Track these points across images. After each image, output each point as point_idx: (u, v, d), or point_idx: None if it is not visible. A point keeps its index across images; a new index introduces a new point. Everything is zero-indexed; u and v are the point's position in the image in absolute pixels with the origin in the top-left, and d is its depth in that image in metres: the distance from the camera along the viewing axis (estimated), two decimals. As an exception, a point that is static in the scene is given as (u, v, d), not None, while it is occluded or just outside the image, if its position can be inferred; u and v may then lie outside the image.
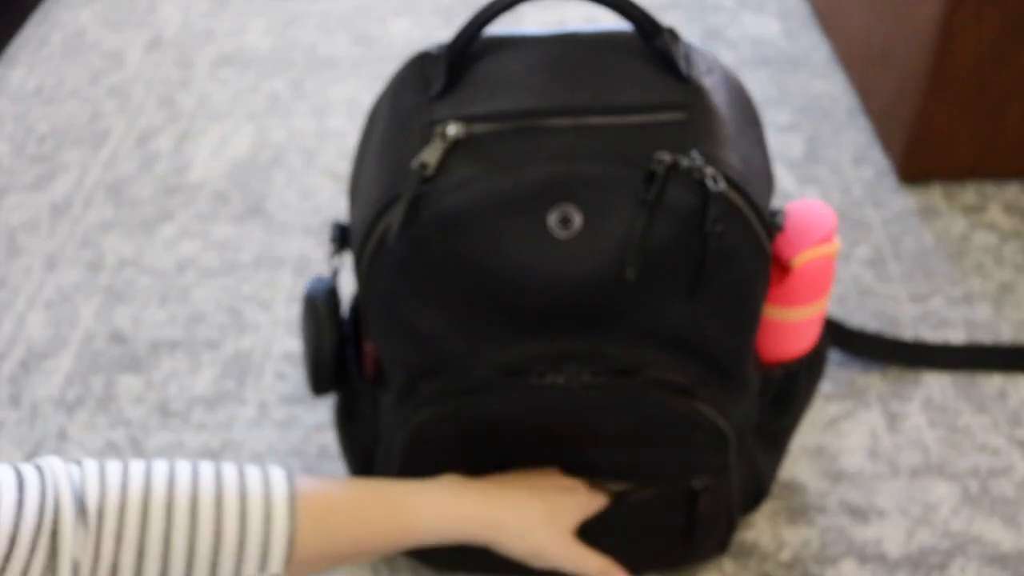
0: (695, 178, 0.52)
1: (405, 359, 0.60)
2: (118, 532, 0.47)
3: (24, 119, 1.27)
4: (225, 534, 0.50)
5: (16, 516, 0.44)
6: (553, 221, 0.53)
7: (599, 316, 0.56)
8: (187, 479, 0.50)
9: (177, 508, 0.49)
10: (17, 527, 0.44)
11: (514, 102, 0.55)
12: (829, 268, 0.64)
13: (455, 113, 0.55)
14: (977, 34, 0.98)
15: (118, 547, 0.47)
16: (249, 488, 0.51)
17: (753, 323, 0.60)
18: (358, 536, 0.55)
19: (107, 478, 0.48)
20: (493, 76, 0.57)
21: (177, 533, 0.48)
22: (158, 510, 0.48)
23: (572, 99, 0.55)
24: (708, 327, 0.58)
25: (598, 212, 0.53)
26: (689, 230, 0.53)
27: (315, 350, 0.65)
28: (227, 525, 0.50)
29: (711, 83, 0.57)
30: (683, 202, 0.53)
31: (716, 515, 0.69)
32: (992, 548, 0.77)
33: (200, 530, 0.49)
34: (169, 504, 0.49)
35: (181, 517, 0.49)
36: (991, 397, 0.89)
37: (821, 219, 0.64)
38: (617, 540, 0.69)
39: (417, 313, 0.57)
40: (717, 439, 0.62)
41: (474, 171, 0.53)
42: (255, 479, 0.52)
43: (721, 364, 0.60)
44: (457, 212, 0.53)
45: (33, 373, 0.94)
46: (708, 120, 0.55)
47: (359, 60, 1.36)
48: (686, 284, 0.55)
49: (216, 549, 0.49)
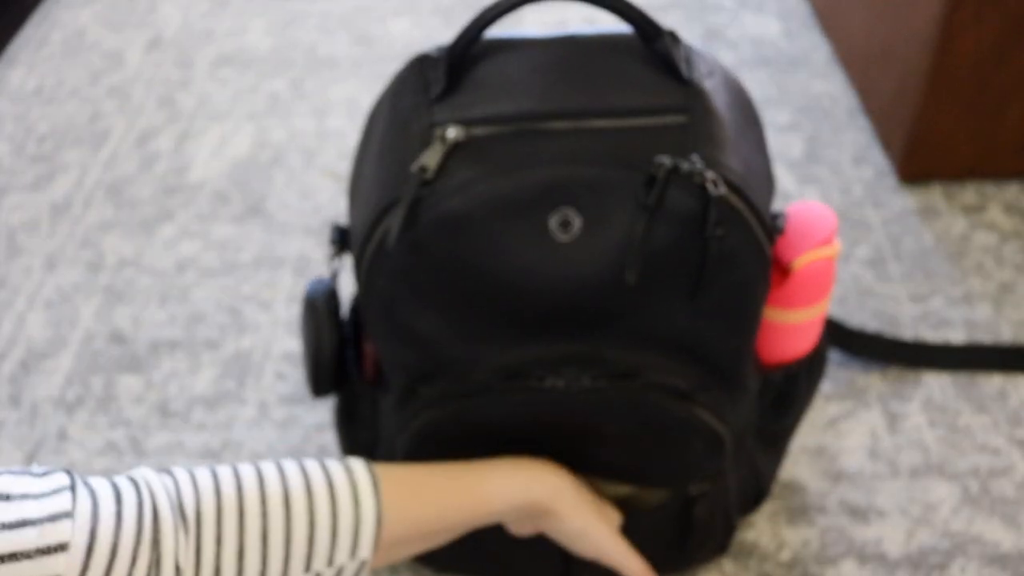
0: (695, 182, 0.52)
1: (404, 362, 0.60)
2: (218, 534, 0.48)
3: (24, 119, 1.27)
4: (319, 523, 0.51)
5: (116, 528, 0.45)
6: (553, 224, 0.53)
7: (599, 319, 0.56)
8: (275, 476, 0.52)
9: (271, 504, 0.50)
10: (117, 538, 0.45)
11: (514, 105, 0.55)
12: (829, 270, 0.64)
13: (455, 116, 0.55)
14: (977, 34, 0.98)
15: (219, 548, 0.48)
16: (334, 476, 0.53)
17: (753, 326, 0.59)
18: (440, 513, 0.56)
19: (200, 484, 0.50)
20: (493, 79, 0.57)
21: (274, 528, 0.50)
22: (253, 508, 0.50)
23: (572, 102, 0.55)
24: (708, 330, 0.58)
25: (598, 216, 0.53)
26: (689, 234, 0.53)
27: (315, 352, 0.65)
28: (320, 513, 0.51)
29: (712, 86, 0.57)
30: (683, 206, 0.53)
31: (713, 520, 0.69)
32: (992, 548, 0.77)
33: (295, 522, 0.50)
34: (263, 501, 0.50)
35: (276, 512, 0.50)
36: (991, 397, 0.89)
37: (821, 221, 0.64)
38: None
39: (417, 316, 0.57)
40: (714, 444, 0.62)
41: (474, 174, 0.53)
42: (337, 468, 0.54)
43: (720, 367, 0.60)
44: (457, 215, 0.53)
45: (33, 373, 0.94)
46: (709, 123, 0.55)
47: (359, 60, 1.36)
48: (686, 287, 0.55)
49: (311, 539, 0.51)
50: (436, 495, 0.56)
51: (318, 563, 0.51)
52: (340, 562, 0.52)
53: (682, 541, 0.70)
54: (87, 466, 0.85)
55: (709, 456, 0.63)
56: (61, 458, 0.86)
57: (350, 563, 0.52)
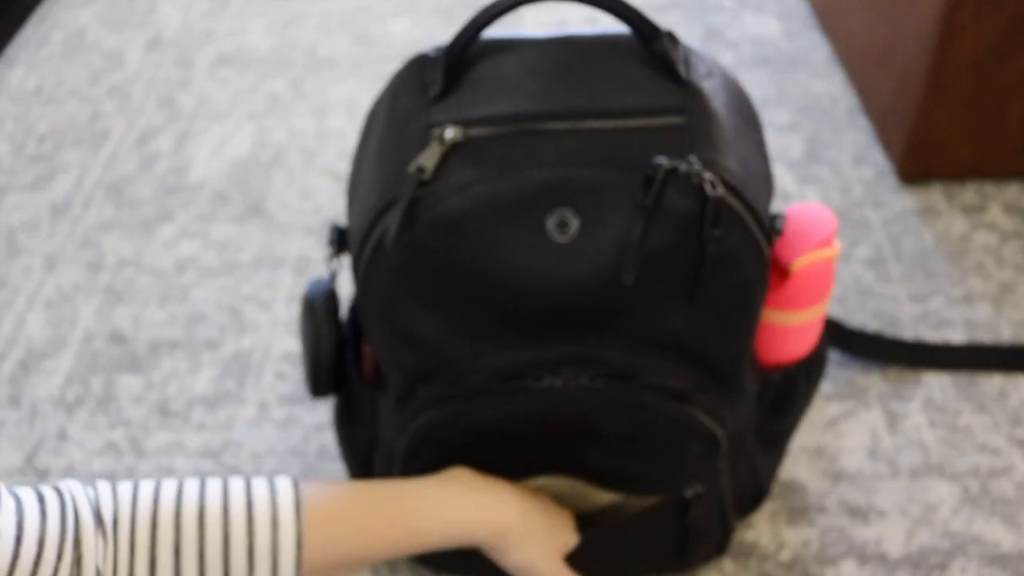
0: (693, 183, 0.52)
1: (403, 362, 0.59)
2: (131, 542, 0.48)
3: (24, 119, 1.27)
4: (233, 542, 0.50)
5: (40, 522, 0.45)
6: (551, 225, 0.53)
7: (597, 320, 0.56)
8: (194, 491, 0.51)
9: (185, 518, 0.50)
10: (43, 532, 0.45)
11: (512, 105, 0.55)
12: (829, 272, 0.64)
13: (453, 116, 0.55)
14: (977, 34, 0.98)
15: (132, 557, 0.48)
16: (255, 496, 0.52)
17: (751, 327, 0.59)
18: (366, 541, 0.55)
19: (119, 494, 0.50)
20: (491, 79, 0.57)
21: (186, 543, 0.49)
22: (167, 520, 0.49)
23: (570, 103, 0.55)
24: (706, 332, 0.58)
25: (595, 217, 0.53)
26: (687, 235, 0.53)
27: (313, 352, 0.65)
28: (235, 532, 0.50)
29: (710, 87, 0.57)
30: (681, 207, 0.53)
31: (708, 523, 0.69)
32: (992, 548, 0.77)
33: (208, 539, 0.50)
34: (177, 514, 0.50)
35: (189, 527, 0.49)
36: (991, 397, 0.89)
37: (821, 222, 0.64)
38: (610, 552, 0.69)
39: (415, 316, 0.57)
40: (710, 446, 0.62)
41: (472, 175, 0.53)
42: (261, 488, 0.53)
43: (718, 369, 0.60)
44: (455, 216, 0.53)
45: (33, 373, 0.94)
46: (707, 124, 0.55)
47: (359, 60, 1.36)
48: (684, 289, 0.55)
49: (225, 557, 0.50)
50: (364, 523, 0.55)
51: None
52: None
53: (679, 544, 0.69)
54: (87, 466, 0.85)
55: (704, 458, 0.63)
56: (61, 458, 0.86)
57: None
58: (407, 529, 0.56)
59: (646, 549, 0.69)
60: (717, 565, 0.77)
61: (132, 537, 0.48)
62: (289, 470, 0.84)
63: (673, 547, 0.70)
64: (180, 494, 0.51)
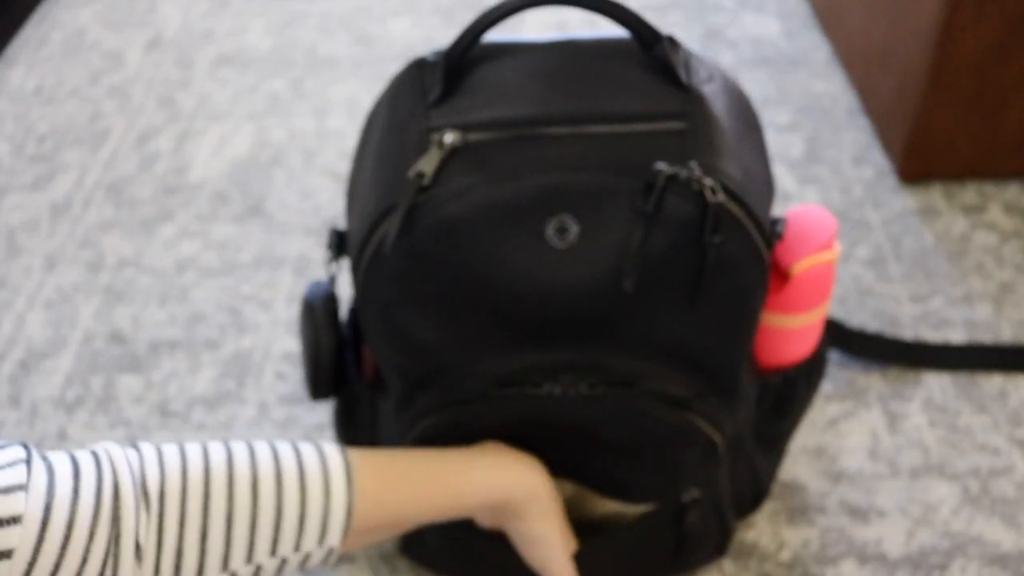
0: (694, 189, 0.52)
1: (402, 367, 0.59)
2: (181, 515, 0.47)
3: (24, 119, 1.27)
4: (287, 510, 0.50)
5: (72, 502, 0.44)
6: (550, 231, 0.53)
7: (596, 327, 0.56)
8: (245, 459, 0.51)
9: (238, 487, 0.49)
10: (73, 513, 0.44)
11: (511, 110, 0.54)
12: (829, 275, 0.64)
13: (452, 121, 0.55)
14: (977, 34, 0.98)
15: (182, 530, 0.47)
16: (306, 463, 0.52)
17: (751, 333, 0.59)
18: (412, 505, 0.55)
19: (166, 462, 0.49)
20: (491, 84, 0.56)
21: (239, 512, 0.49)
22: (220, 490, 0.49)
23: (570, 107, 0.54)
24: (706, 338, 0.57)
25: (595, 222, 0.53)
26: (687, 241, 0.53)
27: (313, 355, 0.65)
28: (288, 501, 0.50)
29: (711, 91, 0.57)
30: (681, 213, 0.52)
31: (706, 525, 0.69)
32: (992, 548, 0.77)
33: (262, 507, 0.50)
34: (230, 484, 0.49)
35: (243, 496, 0.49)
36: (991, 397, 0.89)
37: (821, 225, 0.63)
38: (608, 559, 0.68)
39: (414, 322, 0.57)
40: (709, 453, 0.62)
41: (471, 181, 0.53)
42: (311, 454, 0.53)
43: (717, 375, 0.60)
44: (454, 221, 0.53)
45: (33, 373, 0.94)
46: (707, 129, 0.55)
47: (359, 60, 1.36)
48: (684, 295, 0.55)
49: (277, 526, 0.50)
50: (412, 487, 0.56)
51: (284, 549, 0.50)
52: (307, 549, 0.51)
53: (677, 548, 0.69)
54: (87, 466, 0.85)
55: (703, 464, 0.63)
56: (61, 458, 0.86)
57: (317, 550, 0.52)
58: (451, 492, 0.57)
59: (644, 554, 0.69)
60: (717, 565, 0.77)
61: (182, 509, 0.47)
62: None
63: (670, 551, 0.70)
64: (231, 462, 0.50)
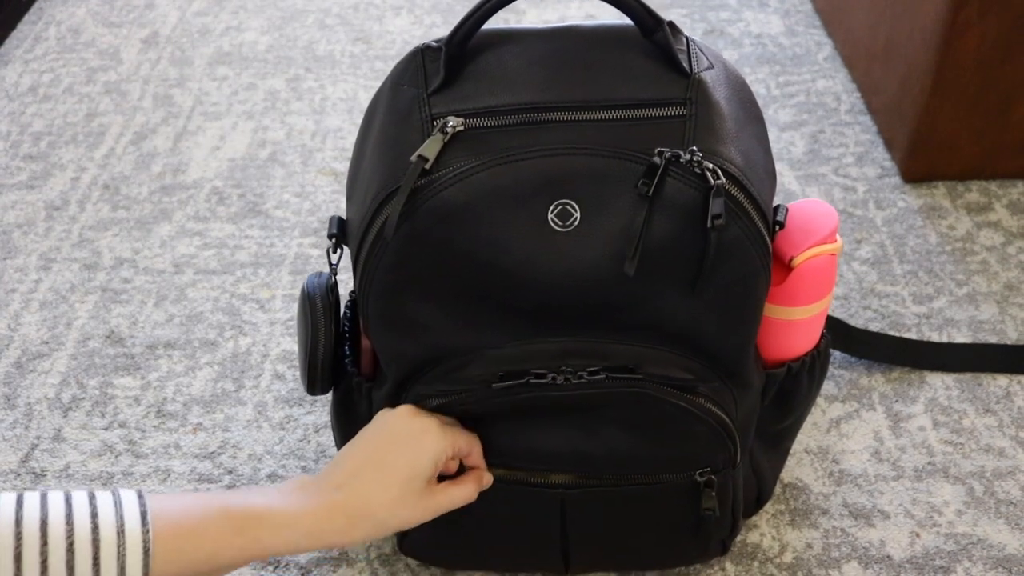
0: (695, 172, 0.52)
1: (402, 353, 0.59)
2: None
3: (19, 117, 1.26)
4: (78, 550, 0.50)
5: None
6: (552, 215, 0.53)
7: (599, 312, 0.56)
8: (35, 502, 0.50)
9: (27, 527, 0.49)
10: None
11: (513, 96, 0.55)
12: (831, 267, 0.64)
13: (454, 108, 0.55)
14: (981, 31, 0.97)
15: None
16: (100, 506, 0.51)
17: (755, 319, 0.59)
18: (213, 551, 0.54)
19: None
20: (492, 71, 0.57)
21: (28, 551, 0.48)
22: (6, 530, 0.48)
23: (571, 94, 0.55)
24: (709, 323, 0.57)
25: (597, 206, 0.53)
26: (690, 225, 0.53)
27: (311, 347, 0.64)
28: (79, 541, 0.50)
29: (712, 78, 0.57)
30: (683, 197, 0.53)
31: (722, 511, 0.68)
32: (997, 550, 0.76)
33: (52, 548, 0.49)
34: (17, 523, 0.49)
35: (31, 536, 0.49)
36: (996, 398, 0.88)
37: (823, 218, 0.63)
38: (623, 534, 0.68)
39: (415, 307, 0.57)
40: (720, 433, 0.61)
41: (472, 164, 0.53)
42: (105, 498, 0.52)
43: (723, 361, 0.60)
44: (456, 205, 0.53)
45: (28, 374, 0.93)
46: (709, 115, 0.55)
47: (357, 58, 1.35)
48: (687, 280, 0.55)
49: (70, 566, 0.49)
50: (209, 532, 0.54)
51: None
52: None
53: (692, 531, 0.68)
54: (83, 468, 0.84)
55: (714, 446, 0.62)
56: (57, 460, 0.85)
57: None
58: (249, 539, 0.55)
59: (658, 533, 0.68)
60: (719, 567, 0.76)
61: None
62: (287, 471, 0.83)
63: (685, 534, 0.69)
64: (20, 504, 0.50)
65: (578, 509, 0.66)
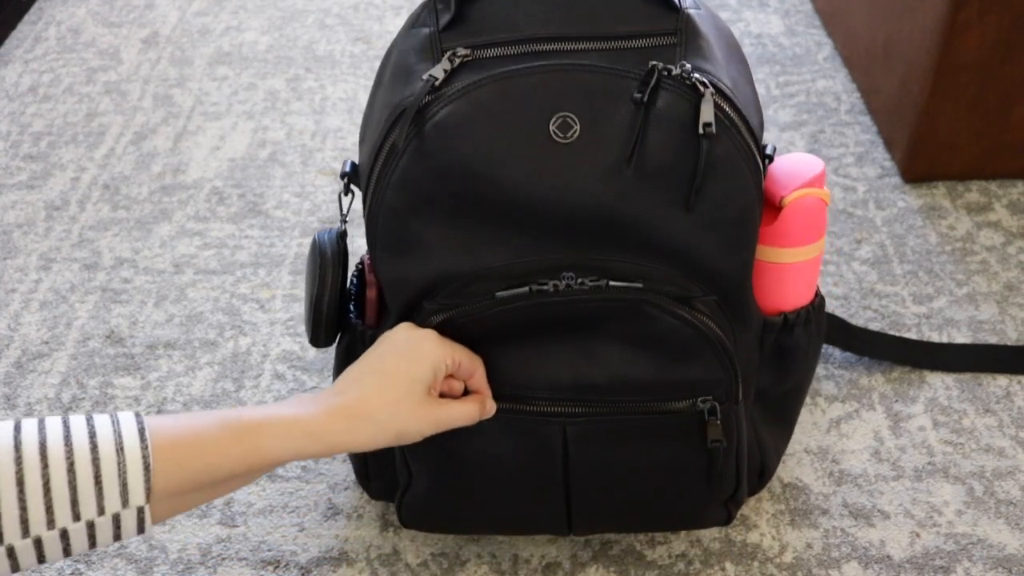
0: (687, 84, 0.56)
1: (405, 278, 0.62)
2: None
3: (19, 117, 1.26)
4: (79, 470, 0.50)
5: None
6: (552, 128, 0.57)
7: (600, 229, 0.59)
8: (33, 427, 0.51)
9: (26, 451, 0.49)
10: None
11: (518, 32, 0.60)
12: (821, 211, 0.67)
13: (462, 42, 0.60)
14: (981, 32, 0.97)
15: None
16: (98, 426, 0.52)
17: (750, 242, 0.62)
18: (214, 461, 0.54)
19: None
20: (498, 11, 0.61)
21: (29, 474, 0.49)
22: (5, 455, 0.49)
23: (571, 29, 0.60)
24: (706, 241, 0.60)
25: (596, 118, 0.57)
26: (683, 139, 0.57)
27: (317, 294, 0.66)
28: (79, 461, 0.50)
29: (699, 16, 0.62)
30: (677, 108, 0.57)
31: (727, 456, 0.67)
32: (997, 551, 0.76)
33: (52, 470, 0.49)
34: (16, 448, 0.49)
35: (31, 459, 0.49)
36: (996, 398, 0.88)
37: (810, 165, 0.68)
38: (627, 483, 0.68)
39: (422, 225, 0.60)
40: (720, 353, 0.63)
41: (476, 79, 0.57)
42: (103, 420, 0.53)
43: (722, 286, 0.63)
44: (458, 118, 0.57)
45: (28, 374, 0.93)
46: (697, 42, 0.60)
47: (357, 58, 1.35)
48: (682, 196, 0.59)
49: (72, 486, 0.49)
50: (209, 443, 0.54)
51: (86, 511, 0.50)
52: (113, 510, 0.51)
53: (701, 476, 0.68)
54: (83, 468, 0.84)
55: (715, 366, 0.63)
56: (56, 460, 0.85)
57: (125, 512, 0.51)
58: (250, 447, 0.55)
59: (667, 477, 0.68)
60: (719, 566, 0.76)
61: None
62: (287, 470, 0.83)
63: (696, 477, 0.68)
64: (19, 430, 0.50)
65: (581, 447, 0.66)
